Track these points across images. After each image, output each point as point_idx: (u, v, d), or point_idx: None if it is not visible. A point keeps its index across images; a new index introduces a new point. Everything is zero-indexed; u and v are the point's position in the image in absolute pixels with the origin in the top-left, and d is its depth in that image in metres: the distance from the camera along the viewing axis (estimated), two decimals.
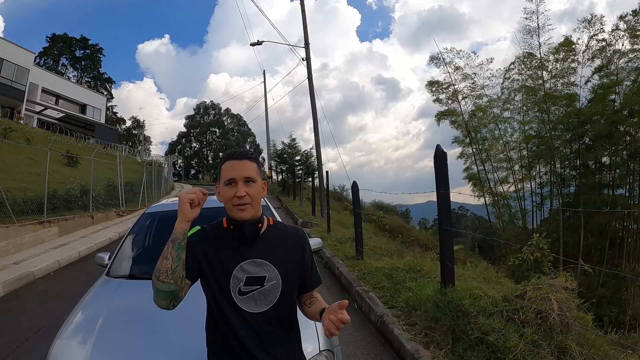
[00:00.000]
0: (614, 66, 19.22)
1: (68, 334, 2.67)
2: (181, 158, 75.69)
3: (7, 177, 13.05)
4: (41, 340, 5.02)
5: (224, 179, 1.69)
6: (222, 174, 1.71)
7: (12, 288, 7.38)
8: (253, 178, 1.69)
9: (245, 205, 1.67)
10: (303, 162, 27.81)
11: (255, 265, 1.71)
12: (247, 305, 1.69)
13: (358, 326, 5.25)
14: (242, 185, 1.66)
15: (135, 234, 4.06)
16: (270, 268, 1.73)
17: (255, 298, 1.70)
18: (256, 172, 1.72)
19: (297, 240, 1.86)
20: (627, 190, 19.98)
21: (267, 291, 1.71)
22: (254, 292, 1.70)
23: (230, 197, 1.66)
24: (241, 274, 1.69)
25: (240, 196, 1.65)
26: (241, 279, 1.69)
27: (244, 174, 1.68)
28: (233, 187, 1.67)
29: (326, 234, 11.21)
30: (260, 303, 1.70)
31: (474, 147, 23.96)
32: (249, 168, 1.70)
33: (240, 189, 1.66)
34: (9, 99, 34.15)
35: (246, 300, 1.69)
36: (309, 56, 18.63)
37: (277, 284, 1.73)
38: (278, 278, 1.73)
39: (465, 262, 8.71)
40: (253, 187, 1.69)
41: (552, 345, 3.47)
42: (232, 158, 1.72)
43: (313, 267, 1.91)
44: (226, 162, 1.72)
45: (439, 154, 4.61)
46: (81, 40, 64.39)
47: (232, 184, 1.67)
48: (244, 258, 1.71)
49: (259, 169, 1.76)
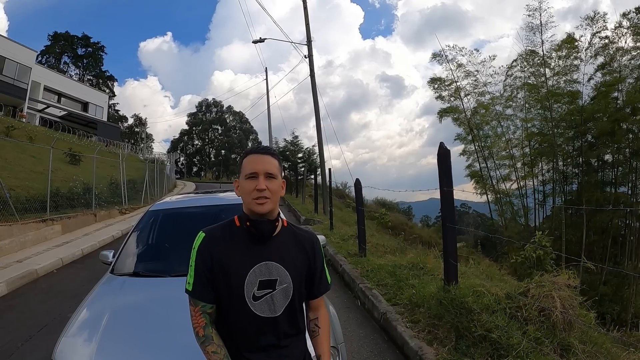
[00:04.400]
0: (616, 64, 19.22)
1: (73, 332, 2.67)
2: (183, 156, 75.78)
3: (10, 175, 13.06)
4: (45, 338, 5.04)
5: (246, 172, 1.69)
6: (244, 168, 1.71)
7: (15, 286, 7.40)
8: (274, 174, 1.70)
9: (265, 199, 1.66)
10: (305, 160, 27.83)
11: (268, 268, 1.70)
12: (260, 310, 1.68)
13: (361, 323, 5.27)
14: (263, 179, 1.66)
15: (140, 232, 4.06)
16: (282, 271, 1.72)
17: (269, 302, 1.69)
18: (277, 168, 1.73)
19: (309, 245, 1.85)
20: (630, 188, 19.96)
21: (279, 295, 1.71)
22: (266, 296, 1.69)
23: (251, 190, 1.66)
24: (254, 278, 1.68)
25: (260, 189, 1.65)
26: (254, 283, 1.68)
27: (267, 168, 1.68)
28: (254, 181, 1.66)
29: (329, 231, 11.21)
30: (273, 307, 1.69)
31: (477, 144, 23.96)
32: (271, 163, 1.71)
33: (261, 182, 1.65)
34: (11, 97, 34.17)
35: (260, 305, 1.68)
36: (311, 53, 18.64)
37: (288, 287, 1.72)
38: (289, 281, 1.72)
39: (467, 260, 8.70)
40: (274, 182, 1.69)
41: (555, 342, 3.48)
42: (255, 152, 1.74)
43: (323, 273, 1.90)
44: (249, 156, 1.73)
45: (442, 151, 4.61)
46: (83, 38, 64.60)
47: (254, 177, 1.67)
48: (257, 260, 1.70)
49: (280, 166, 1.77)
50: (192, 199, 4.88)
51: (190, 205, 4.42)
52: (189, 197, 5.04)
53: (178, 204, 4.53)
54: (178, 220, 4.07)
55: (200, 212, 4.07)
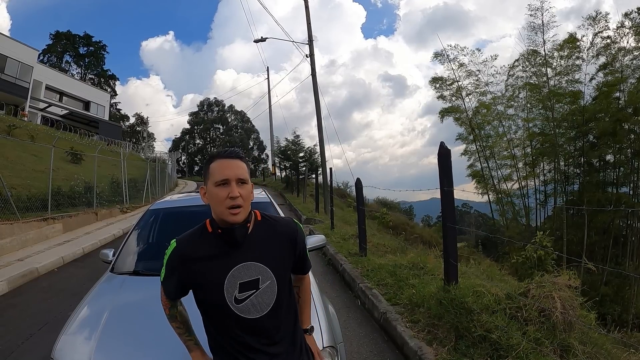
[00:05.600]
0: (618, 64, 19.17)
1: (73, 330, 2.69)
2: (185, 154, 75.88)
3: (12, 174, 13.07)
4: (45, 336, 5.05)
5: (216, 179, 1.61)
6: (213, 174, 1.63)
7: (16, 284, 7.42)
8: (246, 179, 1.64)
9: (239, 208, 1.59)
10: (307, 159, 27.74)
11: (247, 269, 1.65)
12: (246, 312, 1.64)
13: (361, 323, 5.26)
14: (235, 186, 1.59)
15: (140, 231, 4.06)
16: (263, 268, 1.67)
17: (254, 303, 1.65)
18: (247, 173, 1.66)
19: (287, 233, 1.80)
20: (631, 189, 19.91)
21: (264, 293, 1.67)
22: (250, 297, 1.65)
23: (223, 198, 1.58)
24: (233, 282, 1.63)
25: (234, 197, 1.57)
26: (235, 287, 1.63)
27: (238, 173, 1.61)
28: (226, 188, 1.59)
29: (329, 231, 11.21)
30: (259, 307, 1.66)
31: (478, 144, 23.92)
32: (242, 168, 1.64)
33: (234, 189, 1.58)
34: (13, 96, 34.24)
35: (245, 307, 1.64)
36: (312, 53, 18.64)
37: (272, 283, 1.68)
38: (272, 277, 1.68)
39: (468, 260, 8.70)
40: (246, 188, 1.63)
41: (555, 343, 3.47)
42: (223, 157, 1.65)
43: (304, 257, 1.88)
44: (216, 161, 1.64)
45: (442, 151, 4.60)
46: (85, 37, 64.64)
47: (225, 184, 1.59)
48: (233, 264, 1.65)
49: (249, 170, 1.71)
50: (193, 198, 4.88)
51: (191, 204, 4.42)
52: (189, 196, 5.04)
53: (178, 203, 4.54)
54: (178, 219, 4.06)
55: (200, 211, 4.04)
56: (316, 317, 2.56)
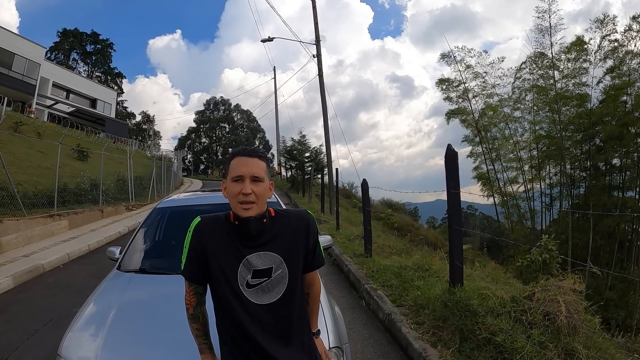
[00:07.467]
0: (626, 67, 19.05)
1: (79, 327, 2.70)
2: (190, 153, 76.08)
3: (18, 170, 13.14)
4: (50, 333, 5.09)
5: (232, 175, 1.68)
6: (230, 170, 1.70)
7: (22, 280, 7.47)
8: (261, 177, 1.68)
9: (251, 204, 1.65)
10: (313, 159, 27.73)
11: (261, 258, 1.71)
12: (256, 297, 1.69)
13: (366, 324, 5.27)
14: (248, 183, 1.65)
15: (147, 229, 4.07)
16: (276, 258, 1.73)
17: (264, 289, 1.70)
18: (264, 171, 1.71)
19: (301, 225, 1.85)
20: (637, 193, 19.79)
21: (275, 281, 1.72)
22: (262, 284, 1.70)
23: (236, 193, 1.66)
24: (247, 268, 1.69)
25: (246, 193, 1.64)
26: (248, 273, 1.69)
27: (252, 171, 1.67)
28: (240, 184, 1.66)
29: (335, 231, 11.22)
30: (269, 294, 1.71)
31: (484, 146, 23.82)
32: (258, 166, 1.69)
33: (246, 186, 1.64)
34: (20, 93, 34.36)
35: (255, 292, 1.69)
36: (319, 53, 18.59)
37: (284, 272, 1.73)
38: (284, 267, 1.74)
39: (473, 262, 8.69)
40: (260, 186, 1.68)
41: (559, 347, 3.47)
42: (241, 154, 1.71)
43: (317, 248, 1.90)
44: (235, 158, 1.71)
45: (450, 153, 4.60)
46: (92, 35, 64.90)
47: (240, 180, 1.66)
48: (249, 251, 1.71)
49: (268, 168, 1.76)
50: (200, 196, 4.90)
51: (198, 202, 4.44)
52: (196, 195, 5.06)
53: (185, 201, 4.55)
54: (185, 217, 4.07)
55: (207, 210, 4.05)
56: (322, 317, 2.56)
